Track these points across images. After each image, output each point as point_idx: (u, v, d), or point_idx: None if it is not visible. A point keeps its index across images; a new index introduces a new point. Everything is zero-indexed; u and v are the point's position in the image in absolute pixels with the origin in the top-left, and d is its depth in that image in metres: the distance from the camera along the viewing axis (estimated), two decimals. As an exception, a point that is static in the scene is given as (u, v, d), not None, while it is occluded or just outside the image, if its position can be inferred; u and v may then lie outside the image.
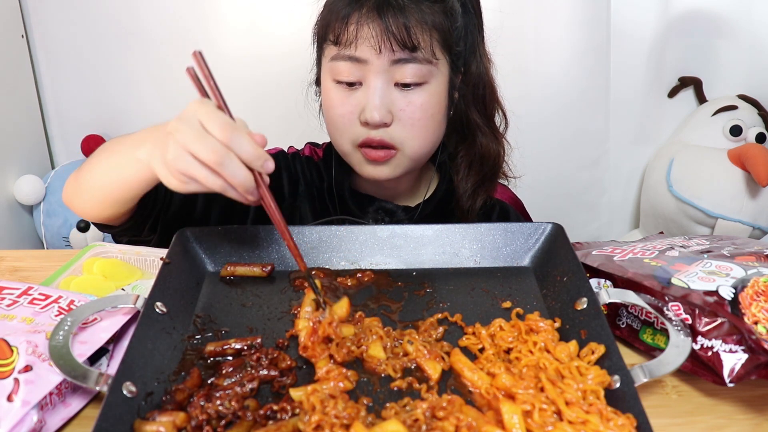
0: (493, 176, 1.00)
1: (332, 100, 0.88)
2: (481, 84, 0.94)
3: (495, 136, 0.98)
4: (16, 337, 0.61)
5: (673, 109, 1.90)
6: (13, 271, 0.87)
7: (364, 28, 0.81)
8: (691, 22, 1.79)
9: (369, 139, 0.86)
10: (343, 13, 0.82)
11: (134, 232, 0.87)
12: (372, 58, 0.82)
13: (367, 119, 0.84)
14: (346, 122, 0.87)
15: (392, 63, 0.83)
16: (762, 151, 1.61)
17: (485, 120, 0.97)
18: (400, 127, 0.86)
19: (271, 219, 0.68)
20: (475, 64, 0.92)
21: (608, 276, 0.76)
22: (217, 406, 0.56)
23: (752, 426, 0.61)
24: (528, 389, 0.58)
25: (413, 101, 0.85)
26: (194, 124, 0.61)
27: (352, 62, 0.83)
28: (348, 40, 0.82)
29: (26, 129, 1.81)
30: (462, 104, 0.95)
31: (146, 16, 1.75)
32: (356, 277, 0.78)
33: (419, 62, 0.83)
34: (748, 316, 0.62)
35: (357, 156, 0.90)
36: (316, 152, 1.06)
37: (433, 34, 0.83)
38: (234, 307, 0.73)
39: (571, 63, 1.79)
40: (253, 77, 1.79)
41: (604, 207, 2.01)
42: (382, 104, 0.84)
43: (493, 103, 0.97)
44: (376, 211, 0.99)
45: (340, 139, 0.90)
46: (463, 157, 0.99)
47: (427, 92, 0.86)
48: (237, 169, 0.61)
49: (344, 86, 0.86)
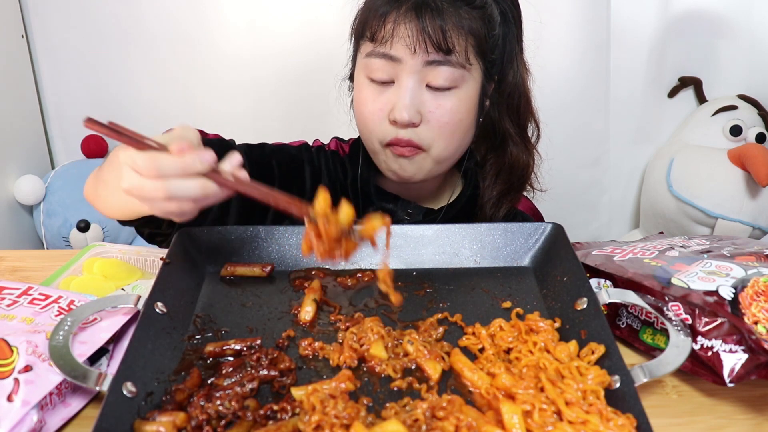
0: (520, 187, 1.00)
1: (364, 97, 0.88)
2: (517, 93, 0.94)
3: (526, 146, 0.98)
4: (16, 337, 0.61)
5: (673, 109, 1.90)
6: (13, 271, 0.87)
7: (401, 27, 0.81)
8: (691, 22, 1.79)
9: (397, 138, 0.86)
10: (381, 11, 0.83)
11: (154, 226, 0.87)
12: (406, 57, 0.82)
13: (396, 118, 0.84)
14: (376, 119, 0.87)
15: (426, 64, 0.83)
16: (762, 151, 1.61)
17: (518, 129, 0.96)
18: (428, 129, 0.86)
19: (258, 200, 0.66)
20: (511, 74, 0.92)
21: (608, 276, 0.76)
22: (217, 406, 0.56)
23: (752, 426, 0.61)
24: (528, 389, 0.58)
25: (443, 104, 0.85)
26: (132, 176, 0.61)
27: (387, 60, 0.84)
28: (384, 37, 0.83)
29: (26, 129, 1.81)
30: (496, 112, 0.95)
31: (146, 16, 1.75)
32: (356, 277, 0.78)
33: (452, 66, 0.83)
34: (748, 316, 0.62)
35: (383, 155, 0.90)
36: (342, 147, 1.06)
37: (469, 39, 0.83)
38: (234, 307, 0.73)
39: (571, 63, 1.79)
40: (253, 76, 1.79)
41: (604, 207, 2.01)
42: (412, 104, 0.84)
43: (527, 113, 0.97)
44: (400, 210, 0.99)
45: (369, 136, 0.90)
46: (492, 164, 0.99)
47: (458, 97, 0.85)
48: (185, 186, 0.60)
49: (376, 84, 0.86)
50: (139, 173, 0.60)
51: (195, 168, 0.61)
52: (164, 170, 0.60)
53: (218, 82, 1.81)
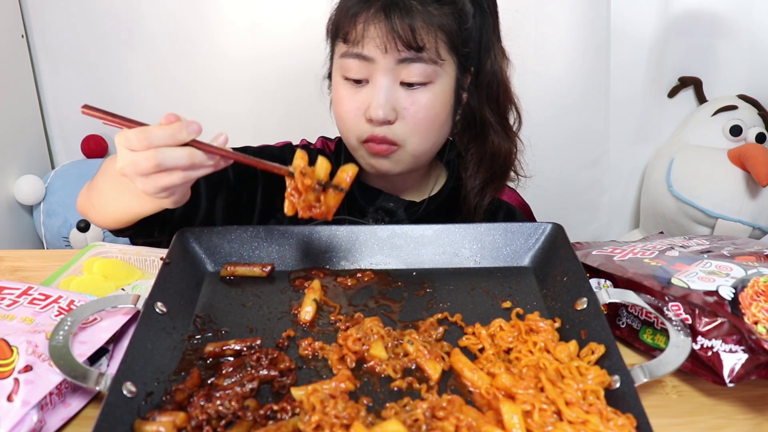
0: (503, 174, 1.01)
1: (340, 96, 0.90)
2: (495, 82, 0.95)
3: (507, 134, 0.99)
4: (16, 337, 0.61)
5: (673, 109, 1.90)
6: (13, 271, 0.87)
7: (371, 28, 0.83)
8: (691, 22, 1.79)
9: (373, 135, 0.88)
10: (352, 12, 0.84)
11: (146, 236, 0.90)
12: (378, 57, 0.84)
13: (372, 116, 0.86)
14: (353, 118, 0.89)
15: (398, 62, 0.84)
16: (762, 151, 1.61)
17: (498, 118, 0.98)
18: (404, 125, 0.88)
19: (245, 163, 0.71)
20: (489, 63, 0.94)
21: (608, 276, 0.76)
22: (217, 406, 0.56)
23: (752, 426, 0.61)
24: (528, 389, 0.58)
25: (417, 100, 0.87)
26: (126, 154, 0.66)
27: (360, 60, 0.85)
28: (356, 38, 0.84)
29: (26, 129, 1.81)
30: (475, 102, 0.96)
31: (146, 16, 1.75)
32: (356, 277, 0.78)
33: (425, 62, 0.85)
34: (748, 316, 0.62)
35: (361, 151, 0.92)
36: (327, 145, 1.08)
37: (439, 35, 0.85)
38: (234, 307, 0.73)
39: (571, 63, 1.79)
40: (254, 76, 1.79)
41: (604, 207, 2.00)
42: (386, 102, 0.85)
43: (507, 101, 0.98)
44: (381, 205, 1.00)
45: (347, 134, 0.93)
46: (474, 154, 1.00)
47: (432, 92, 0.87)
48: (173, 155, 0.65)
49: (352, 83, 0.88)
50: (132, 149, 0.65)
51: (182, 134, 0.65)
52: (154, 140, 0.64)
53: (218, 82, 1.81)
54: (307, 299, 0.72)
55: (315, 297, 0.73)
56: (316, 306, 0.72)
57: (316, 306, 0.72)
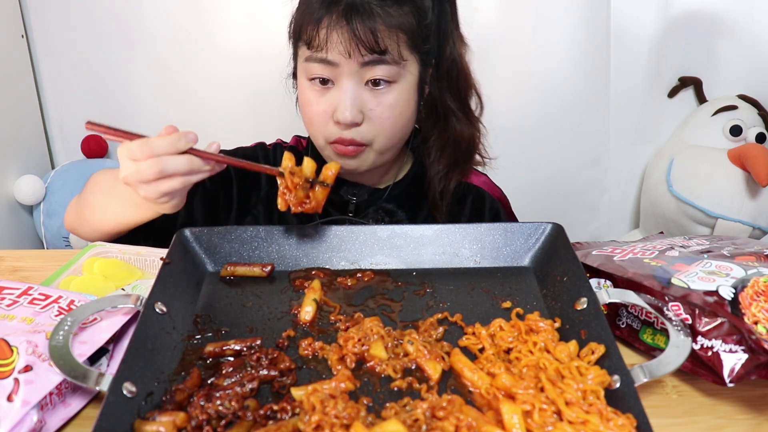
0: (467, 159, 1.03)
1: (307, 99, 0.92)
2: (455, 70, 0.96)
3: (469, 119, 1.00)
4: (16, 337, 0.61)
5: (673, 109, 1.90)
6: (13, 271, 0.87)
7: (334, 34, 0.84)
8: (691, 22, 1.79)
9: (341, 138, 0.90)
10: (315, 17, 0.85)
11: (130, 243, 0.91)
12: (342, 61, 0.85)
13: (340, 119, 0.88)
14: (321, 120, 0.91)
15: (362, 65, 0.86)
16: (762, 151, 1.61)
17: (459, 105, 0.99)
18: (371, 126, 0.90)
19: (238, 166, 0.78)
20: (448, 50, 0.95)
21: (608, 276, 0.76)
22: (217, 406, 0.56)
23: (752, 426, 0.61)
24: (528, 389, 0.58)
25: (383, 101, 0.89)
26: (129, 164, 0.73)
27: (325, 65, 0.87)
28: (319, 45, 0.85)
29: (26, 129, 1.81)
30: (436, 89, 0.97)
31: (146, 16, 1.75)
32: (356, 277, 0.79)
33: (388, 63, 0.86)
34: (748, 316, 0.62)
35: (328, 150, 0.94)
36: (300, 142, 1.11)
37: (401, 36, 0.86)
38: (234, 307, 0.73)
39: (571, 63, 1.79)
40: (252, 72, 1.79)
41: (604, 207, 2.00)
42: (353, 105, 0.87)
43: (467, 87, 0.99)
44: (346, 193, 1.02)
45: (315, 134, 0.95)
46: (436, 140, 1.01)
47: (397, 91, 0.89)
48: (174, 163, 0.72)
49: (318, 85, 0.89)
50: (135, 159, 0.72)
51: (181, 143, 0.72)
52: (156, 149, 0.71)
53: (218, 82, 1.81)
54: (307, 299, 0.72)
55: (315, 297, 0.73)
56: (316, 306, 0.72)
57: (316, 306, 0.72)
